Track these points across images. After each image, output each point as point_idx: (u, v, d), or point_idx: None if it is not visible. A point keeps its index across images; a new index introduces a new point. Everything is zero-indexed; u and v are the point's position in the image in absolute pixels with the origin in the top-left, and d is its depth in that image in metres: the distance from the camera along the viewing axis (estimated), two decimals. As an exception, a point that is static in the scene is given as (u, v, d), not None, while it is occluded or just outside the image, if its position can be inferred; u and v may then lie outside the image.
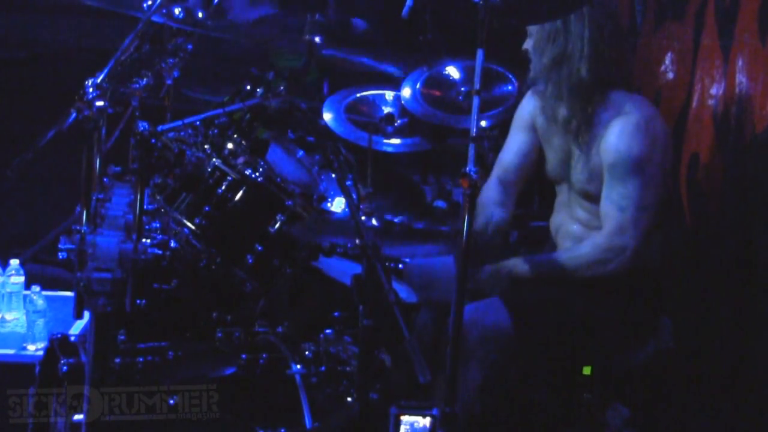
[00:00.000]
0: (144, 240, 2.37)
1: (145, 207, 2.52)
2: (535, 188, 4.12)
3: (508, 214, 3.25)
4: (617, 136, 2.99)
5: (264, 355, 2.87)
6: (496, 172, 3.32)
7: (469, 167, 2.35)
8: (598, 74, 3.01)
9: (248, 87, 3.23)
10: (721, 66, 3.44)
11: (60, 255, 2.37)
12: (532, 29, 3.08)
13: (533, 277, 3.04)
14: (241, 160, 3.04)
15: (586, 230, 3.12)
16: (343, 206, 3.55)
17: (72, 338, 2.89)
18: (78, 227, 2.41)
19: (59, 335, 2.88)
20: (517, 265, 3.06)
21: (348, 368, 2.78)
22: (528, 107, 3.30)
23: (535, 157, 3.28)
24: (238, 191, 3.01)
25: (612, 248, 2.97)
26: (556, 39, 3.01)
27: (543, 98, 3.17)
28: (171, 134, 2.96)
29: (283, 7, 4.51)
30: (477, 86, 2.37)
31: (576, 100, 3.05)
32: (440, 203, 4.59)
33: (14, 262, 3.69)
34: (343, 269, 3.31)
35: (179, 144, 2.95)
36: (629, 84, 3.12)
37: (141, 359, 2.79)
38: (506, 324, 2.98)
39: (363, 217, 2.60)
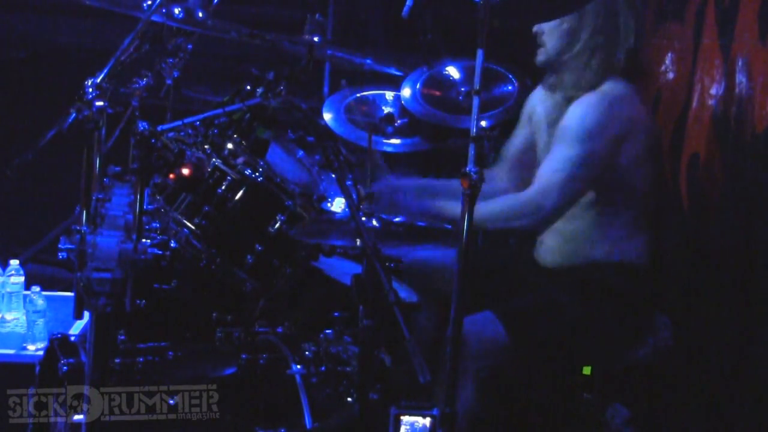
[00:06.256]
0: (144, 240, 2.36)
1: (145, 207, 2.52)
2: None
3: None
4: (578, 104, 2.99)
5: (264, 355, 2.87)
6: (501, 164, 3.36)
7: (469, 167, 2.35)
8: (610, 67, 3.01)
9: (248, 87, 3.23)
10: (721, 66, 3.44)
11: (60, 255, 2.37)
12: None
13: (443, 216, 3.06)
14: (241, 160, 3.03)
15: (569, 244, 3.09)
16: (343, 206, 3.55)
17: (72, 338, 2.89)
18: (78, 227, 2.41)
19: (59, 335, 2.88)
20: (435, 206, 3.08)
21: (348, 368, 2.78)
22: (532, 99, 3.30)
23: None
24: (238, 191, 3.01)
25: (530, 204, 2.97)
26: (575, 31, 3.01)
27: (551, 90, 3.17)
28: (171, 134, 2.96)
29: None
30: (477, 86, 2.37)
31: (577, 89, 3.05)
32: (440, 203, 4.58)
33: (14, 262, 3.70)
34: (343, 269, 3.31)
35: (179, 144, 2.94)
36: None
37: (141, 359, 2.79)
38: (502, 336, 2.97)
39: (363, 218, 2.60)
